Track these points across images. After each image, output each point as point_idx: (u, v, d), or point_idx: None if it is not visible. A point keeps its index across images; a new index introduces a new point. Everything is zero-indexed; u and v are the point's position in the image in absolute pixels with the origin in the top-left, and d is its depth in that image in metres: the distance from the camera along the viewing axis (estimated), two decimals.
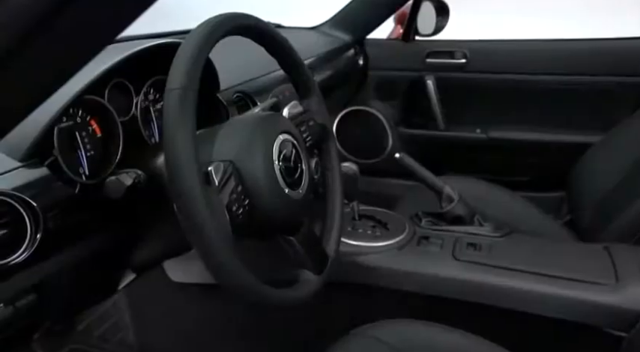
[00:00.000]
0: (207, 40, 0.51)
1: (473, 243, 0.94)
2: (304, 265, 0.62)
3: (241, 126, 0.58)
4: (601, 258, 0.87)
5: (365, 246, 0.94)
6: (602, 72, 1.45)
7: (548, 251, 0.92)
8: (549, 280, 0.83)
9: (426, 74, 1.60)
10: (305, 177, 0.61)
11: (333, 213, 0.73)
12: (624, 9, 2.60)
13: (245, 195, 0.52)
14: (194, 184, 0.45)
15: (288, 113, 0.69)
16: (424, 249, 0.94)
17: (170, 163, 0.45)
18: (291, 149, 0.60)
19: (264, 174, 0.54)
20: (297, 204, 0.59)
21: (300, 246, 0.62)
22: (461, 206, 1.01)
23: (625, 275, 0.81)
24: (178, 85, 0.47)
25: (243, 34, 0.62)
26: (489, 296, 0.86)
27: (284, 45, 0.68)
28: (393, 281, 0.92)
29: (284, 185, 0.57)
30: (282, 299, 0.56)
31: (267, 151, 0.56)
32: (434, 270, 0.89)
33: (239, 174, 0.53)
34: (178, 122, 0.46)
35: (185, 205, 0.45)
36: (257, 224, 0.56)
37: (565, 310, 0.81)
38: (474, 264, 0.88)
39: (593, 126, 1.48)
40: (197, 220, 0.45)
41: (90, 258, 0.56)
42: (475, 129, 1.62)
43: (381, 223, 1.02)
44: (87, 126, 0.63)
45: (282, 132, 0.59)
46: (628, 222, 0.99)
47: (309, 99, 0.73)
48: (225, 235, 0.47)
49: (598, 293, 0.79)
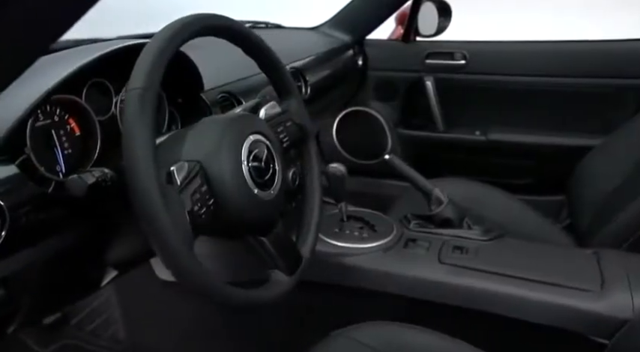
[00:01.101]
0: (170, 42, 0.52)
1: (460, 246, 0.93)
2: (276, 266, 0.62)
3: (212, 127, 0.58)
4: (588, 264, 0.86)
5: (351, 247, 0.94)
6: (603, 74, 1.42)
7: (536, 255, 0.91)
8: (533, 285, 0.81)
9: (425, 75, 1.59)
10: (277, 178, 0.61)
11: (310, 214, 0.73)
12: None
13: (210, 195, 0.52)
14: (151, 184, 0.45)
15: (265, 114, 0.69)
16: (410, 252, 0.93)
17: (127, 162, 0.46)
18: (262, 150, 0.60)
19: (231, 175, 0.54)
20: (267, 204, 0.59)
21: (272, 247, 0.62)
22: (450, 209, 1.00)
23: (610, 281, 0.79)
24: (138, 86, 0.47)
25: (215, 35, 0.62)
26: (473, 300, 0.85)
27: (260, 46, 0.68)
28: (378, 284, 0.91)
29: (253, 186, 0.57)
30: (247, 300, 0.56)
31: (236, 152, 0.56)
32: (418, 273, 0.89)
33: (205, 174, 0.53)
34: (137, 122, 0.46)
35: (142, 205, 0.45)
36: (224, 224, 0.56)
37: (548, 316, 0.79)
38: (458, 268, 0.87)
39: (594, 129, 1.46)
40: (154, 220, 0.45)
41: (60, 254, 0.57)
42: (474, 131, 1.61)
43: (368, 225, 1.01)
44: (65, 125, 0.64)
45: (254, 133, 0.59)
46: (620, 226, 0.97)
47: (288, 100, 0.74)
48: (184, 235, 0.47)
49: (582, 300, 0.78)
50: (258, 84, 0.99)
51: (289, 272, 0.63)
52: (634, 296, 0.75)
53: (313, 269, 0.96)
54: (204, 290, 0.50)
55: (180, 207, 0.48)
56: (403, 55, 1.63)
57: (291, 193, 1.02)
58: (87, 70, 0.62)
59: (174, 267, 0.48)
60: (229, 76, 0.90)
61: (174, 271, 0.48)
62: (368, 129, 1.75)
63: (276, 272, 0.62)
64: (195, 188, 0.50)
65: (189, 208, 0.49)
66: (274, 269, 0.63)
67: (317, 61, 1.37)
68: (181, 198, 0.48)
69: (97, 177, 0.50)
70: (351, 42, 1.62)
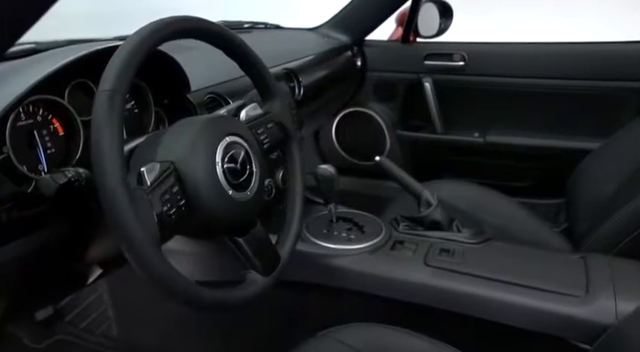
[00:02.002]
0: (141, 45, 0.52)
1: (446, 249, 0.92)
2: (252, 266, 0.63)
3: (188, 128, 0.58)
4: (575, 269, 0.85)
5: (338, 248, 0.94)
6: (603, 76, 1.41)
7: (522, 260, 0.90)
8: (518, 289, 0.81)
9: (424, 76, 1.59)
10: (255, 180, 0.62)
11: (291, 215, 0.73)
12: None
13: (182, 196, 0.53)
14: (117, 184, 0.46)
15: (246, 115, 0.69)
16: (396, 254, 0.93)
17: (95, 163, 0.47)
18: (239, 151, 0.60)
19: (204, 176, 0.55)
20: (243, 205, 0.59)
21: (249, 247, 0.62)
22: (439, 211, 1.00)
23: (595, 287, 0.79)
24: (107, 88, 0.48)
25: (193, 37, 0.62)
26: (457, 304, 0.84)
27: (241, 48, 0.68)
28: (364, 285, 0.91)
29: (227, 187, 0.57)
30: (216, 300, 0.56)
31: (210, 153, 0.56)
32: (403, 275, 0.89)
33: (179, 175, 0.54)
34: (104, 123, 0.47)
35: (108, 205, 0.46)
36: (197, 224, 0.57)
37: (531, 320, 0.79)
38: (443, 271, 0.87)
39: (594, 131, 1.44)
40: (119, 220, 0.46)
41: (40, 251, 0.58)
42: (473, 132, 1.60)
43: (357, 226, 1.01)
44: (48, 125, 0.65)
45: (230, 135, 0.60)
46: (611, 231, 0.96)
47: (271, 102, 0.74)
48: (150, 235, 0.48)
49: (565, 305, 0.77)
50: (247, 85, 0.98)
51: (265, 273, 0.64)
52: (617, 301, 0.74)
53: (300, 269, 0.97)
54: (170, 290, 0.51)
55: (147, 208, 0.48)
56: (402, 56, 1.63)
57: (282, 194, 1.03)
58: (69, 71, 0.63)
59: (140, 267, 0.48)
60: (217, 77, 0.91)
61: (140, 271, 0.49)
62: (367, 130, 1.75)
63: (252, 272, 0.63)
64: (165, 189, 0.51)
65: (157, 209, 0.49)
66: (250, 269, 0.63)
67: (314, 61, 1.37)
68: (150, 198, 0.49)
69: (69, 177, 0.51)
70: (350, 43, 1.62)
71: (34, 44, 0.87)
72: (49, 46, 0.88)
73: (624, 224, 0.93)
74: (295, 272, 0.97)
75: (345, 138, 1.83)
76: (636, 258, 0.87)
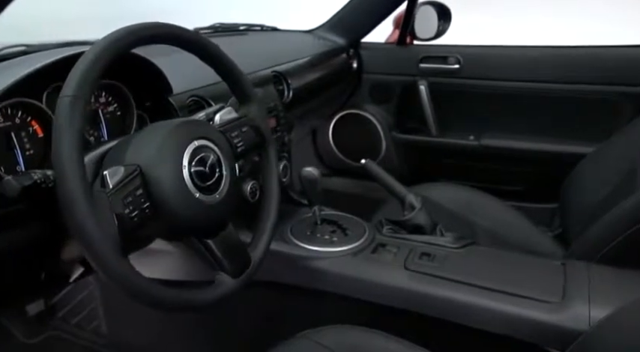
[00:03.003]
0: (105, 52, 0.53)
1: (427, 253, 0.93)
2: (222, 268, 0.64)
3: (156, 132, 0.60)
4: (554, 275, 0.85)
5: (320, 250, 0.95)
6: (598, 81, 1.40)
7: (502, 265, 0.90)
8: (493, 295, 0.81)
9: (419, 79, 1.59)
10: (225, 182, 0.63)
11: (266, 218, 0.74)
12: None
13: (146, 199, 0.54)
14: (76, 187, 0.47)
15: (220, 119, 0.71)
16: (377, 257, 0.94)
17: (55, 166, 0.48)
18: (209, 155, 0.61)
19: (170, 179, 0.56)
20: (211, 208, 0.61)
21: (218, 249, 0.63)
22: (422, 215, 1.00)
23: (571, 293, 0.78)
24: (69, 93, 0.50)
25: (164, 43, 0.64)
26: (434, 308, 0.85)
27: (215, 53, 0.69)
28: (344, 288, 0.92)
29: (194, 190, 0.58)
30: (180, 301, 0.57)
31: (177, 156, 0.57)
32: (383, 279, 0.89)
33: (144, 178, 0.55)
34: (64, 128, 0.48)
35: (67, 207, 0.47)
36: (164, 226, 0.58)
37: (506, 326, 0.79)
38: (422, 275, 0.87)
39: (589, 136, 1.43)
40: (78, 222, 0.47)
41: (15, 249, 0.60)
42: (468, 136, 1.59)
43: (341, 228, 1.02)
44: (27, 127, 0.67)
45: (199, 138, 0.61)
46: (595, 237, 0.96)
47: (247, 106, 0.75)
48: (109, 237, 0.49)
49: (540, 311, 0.77)
50: None
51: (235, 275, 0.65)
52: (591, 308, 0.74)
53: (283, 271, 0.98)
54: (129, 290, 0.52)
55: (107, 210, 0.49)
56: (398, 59, 1.63)
57: None
58: (47, 74, 0.65)
59: (99, 268, 0.50)
60: (201, 81, 0.92)
61: (100, 272, 0.50)
62: (363, 132, 1.76)
63: (222, 274, 0.64)
64: (129, 191, 0.52)
65: (118, 211, 0.50)
66: (219, 271, 0.64)
67: (307, 64, 1.38)
68: (111, 201, 0.50)
69: (35, 179, 0.53)
70: (347, 45, 1.63)
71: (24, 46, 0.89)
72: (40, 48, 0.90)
73: (607, 230, 0.92)
74: (277, 274, 0.99)
75: (341, 140, 1.84)
76: (619, 264, 0.87)
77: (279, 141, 1.08)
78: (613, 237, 0.91)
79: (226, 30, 1.48)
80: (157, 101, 0.83)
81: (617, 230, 0.91)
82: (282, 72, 1.17)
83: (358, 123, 1.75)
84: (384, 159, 1.75)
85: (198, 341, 1.09)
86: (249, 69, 1.11)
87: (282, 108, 1.09)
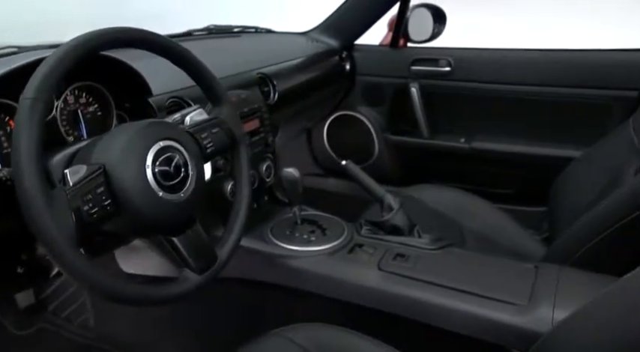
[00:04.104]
0: (67, 56, 0.56)
1: (402, 254, 0.94)
2: (186, 265, 0.66)
3: (123, 133, 0.62)
4: (525, 278, 0.85)
5: (297, 250, 0.97)
6: (589, 84, 1.39)
7: (475, 267, 0.91)
8: (462, 296, 0.82)
9: (411, 81, 1.60)
10: (190, 182, 0.65)
11: (235, 218, 0.76)
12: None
13: (107, 197, 0.56)
14: (31, 184, 0.50)
15: (191, 120, 0.73)
16: (353, 257, 0.95)
17: (14, 165, 0.51)
18: (174, 155, 0.63)
19: (133, 178, 0.58)
20: (176, 206, 0.63)
21: (183, 246, 0.65)
22: (399, 216, 1.01)
23: (538, 296, 0.79)
24: (29, 96, 0.52)
25: (132, 47, 0.66)
26: (405, 308, 0.86)
27: (185, 57, 0.71)
28: (319, 287, 0.94)
29: (157, 188, 0.60)
30: (140, 295, 0.60)
31: (140, 157, 0.60)
32: (356, 279, 0.91)
33: (107, 177, 0.57)
34: (23, 128, 0.51)
35: (23, 204, 0.50)
36: (128, 223, 0.60)
37: (473, 327, 0.80)
38: (394, 275, 0.89)
39: (578, 139, 1.43)
40: (34, 219, 0.49)
41: None
42: (459, 138, 1.60)
43: (321, 228, 1.04)
44: (5, 126, 0.70)
45: (165, 139, 0.63)
46: (568, 241, 0.96)
47: (219, 108, 0.77)
48: (64, 233, 0.51)
49: (505, 313, 0.78)
50: None
51: (200, 272, 0.67)
52: (555, 310, 0.75)
53: (261, 269, 1.00)
54: (86, 284, 0.54)
55: (64, 207, 0.52)
56: (390, 61, 1.64)
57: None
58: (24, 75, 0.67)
59: (57, 263, 0.52)
60: (181, 82, 0.94)
61: (58, 266, 0.52)
62: (356, 134, 1.77)
63: (186, 270, 0.66)
64: (89, 189, 0.54)
65: (76, 208, 0.53)
66: (184, 268, 0.66)
67: (298, 65, 1.40)
68: (69, 198, 0.52)
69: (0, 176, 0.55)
70: (340, 47, 1.64)
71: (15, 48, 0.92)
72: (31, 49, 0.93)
73: (580, 234, 0.93)
74: (256, 272, 1.01)
75: (336, 141, 1.85)
76: (591, 268, 0.87)
77: (262, 142, 1.10)
78: (586, 241, 0.92)
79: (220, 32, 1.51)
80: (136, 102, 0.85)
81: (590, 234, 0.91)
82: (268, 74, 1.18)
83: (352, 125, 1.76)
84: (377, 161, 1.77)
85: (180, 335, 1.12)
86: (236, 70, 1.13)
87: (266, 109, 1.11)
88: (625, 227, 0.86)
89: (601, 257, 0.90)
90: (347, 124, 1.77)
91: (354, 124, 1.76)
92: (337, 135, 1.83)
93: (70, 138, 0.78)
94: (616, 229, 0.87)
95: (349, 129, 1.77)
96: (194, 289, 0.66)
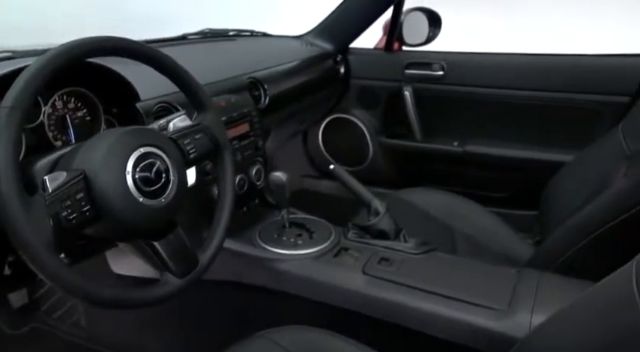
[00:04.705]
0: (47, 65, 0.57)
1: (387, 258, 0.95)
2: (167, 268, 0.67)
3: (104, 139, 0.63)
4: (506, 283, 0.86)
5: (284, 253, 0.99)
6: (581, 89, 1.40)
7: (458, 272, 0.92)
8: (443, 301, 0.83)
9: (404, 85, 1.60)
10: (172, 187, 0.66)
11: (217, 223, 0.77)
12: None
13: (87, 202, 0.57)
14: (9, 190, 0.51)
15: (174, 126, 0.74)
16: (338, 261, 0.96)
17: None
18: (155, 161, 0.65)
19: (112, 184, 0.60)
20: (157, 211, 0.64)
21: (164, 251, 0.67)
22: (386, 220, 1.02)
23: (518, 301, 0.80)
24: (7, 105, 0.54)
25: (117, 55, 0.67)
26: (387, 312, 0.87)
27: (170, 64, 0.73)
28: (305, 290, 0.95)
29: (138, 194, 0.62)
30: (119, 299, 0.61)
31: (121, 163, 0.61)
32: (341, 282, 0.92)
33: (88, 183, 0.58)
34: (1, 135, 0.52)
35: (1, 209, 0.51)
36: (109, 228, 0.62)
37: (453, 332, 0.81)
38: (378, 280, 0.90)
39: (570, 144, 1.43)
40: (10, 224, 0.51)
41: None
42: (452, 142, 1.61)
43: (309, 232, 1.05)
44: None
45: (145, 146, 0.64)
46: (551, 247, 0.97)
47: (203, 114, 0.78)
48: (41, 238, 0.52)
49: (485, 318, 0.79)
50: None
51: (180, 276, 0.68)
52: (533, 315, 0.76)
53: (248, 272, 1.02)
54: (64, 288, 0.55)
55: (42, 213, 0.53)
56: (384, 65, 1.65)
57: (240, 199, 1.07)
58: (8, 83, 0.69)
59: (34, 268, 0.53)
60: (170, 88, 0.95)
61: (36, 271, 0.54)
62: (351, 136, 1.78)
63: (166, 274, 0.67)
64: (69, 195, 0.56)
65: (54, 214, 0.54)
66: (165, 271, 0.68)
67: (291, 69, 1.41)
68: (48, 204, 0.54)
69: None
70: (334, 50, 1.65)
71: (10, 53, 0.94)
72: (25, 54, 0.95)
73: (563, 240, 0.94)
74: (243, 275, 1.02)
75: (331, 144, 1.86)
76: (572, 274, 0.88)
77: (252, 146, 1.11)
78: (570, 245, 0.93)
79: (215, 35, 1.52)
80: (125, 107, 0.87)
81: (574, 239, 0.92)
82: (259, 78, 1.20)
83: (346, 128, 1.77)
84: (372, 163, 1.78)
85: (168, 336, 1.13)
86: (227, 75, 1.15)
87: (256, 114, 1.12)
88: (608, 231, 0.87)
89: (585, 261, 0.91)
90: (342, 127, 1.78)
91: (348, 127, 1.77)
92: (332, 137, 1.84)
93: (59, 143, 0.80)
94: (600, 234, 0.88)
95: (344, 132, 1.78)
96: (175, 292, 0.67)
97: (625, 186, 0.86)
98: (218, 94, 1.04)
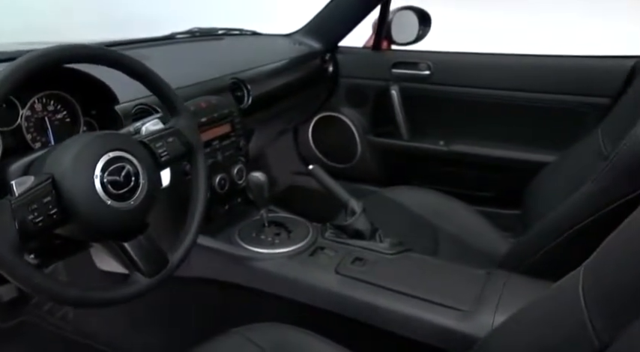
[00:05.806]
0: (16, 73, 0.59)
1: (360, 258, 0.97)
2: (137, 268, 0.70)
3: (75, 144, 0.65)
4: (474, 284, 0.88)
5: (261, 252, 1.01)
6: (566, 90, 1.41)
7: (428, 273, 0.94)
8: (411, 301, 0.85)
9: (391, 84, 1.62)
10: (141, 190, 0.68)
11: (189, 225, 0.79)
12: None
13: (54, 205, 0.60)
14: None
15: (146, 130, 0.76)
16: (313, 260, 0.99)
17: None
18: (123, 165, 0.67)
19: (80, 188, 0.62)
20: (125, 214, 0.66)
21: (134, 251, 0.69)
22: (361, 220, 1.04)
23: (483, 301, 0.82)
24: None
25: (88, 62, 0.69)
26: (358, 311, 0.89)
27: (141, 70, 0.75)
28: (280, 288, 0.97)
29: (106, 197, 0.64)
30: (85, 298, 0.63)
31: (89, 167, 0.63)
32: (314, 281, 0.94)
33: (56, 187, 0.61)
34: None
35: None
36: (78, 230, 0.64)
37: (420, 331, 0.83)
38: (350, 279, 0.92)
39: (554, 144, 1.44)
40: None
41: None
42: (438, 141, 1.62)
43: (287, 231, 1.07)
44: None
45: (115, 150, 0.66)
46: (521, 249, 0.99)
47: (176, 118, 0.80)
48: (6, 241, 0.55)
49: (449, 318, 0.81)
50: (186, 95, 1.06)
51: (150, 275, 0.71)
52: (496, 316, 0.78)
53: (225, 269, 1.04)
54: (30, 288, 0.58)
55: (7, 216, 0.55)
56: (372, 64, 1.66)
57: (221, 198, 1.10)
58: None
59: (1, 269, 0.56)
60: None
61: (2, 272, 0.56)
62: (340, 134, 1.80)
63: (135, 273, 0.70)
64: (35, 199, 0.58)
65: (20, 217, 0.56)
66: (135, 271, 0.70)
67: (278, 68, 1.43)
68: (14, 208, 0.56)
69: None
70: (323, 49, 1.66)
71: None
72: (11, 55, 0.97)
73: (532, 242, 0.96)
74: (220, 272, 1.05)
75: (321, 142, 1.88)
76: (539, 275, 0.90)
77: (233, 146, 1.13)
78: (541, 246, 0.94)
79: (204, 34, 1.54)
80: (104, 110, 0.89)
81: (545, 239, 0.94)
82: (242, 78, 1.21)
83: (336, 126, 1.79)
84: (360, 161, 1.80)
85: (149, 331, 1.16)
86: (210, 75, 1.16)
87: (237, 114, 1.14)
88: (577, 233, 0.89)
89: (555, 262, 0.93)
90: (331, 125, 1.80)
91: (337, 125, 1.79)
92: (322, 135, 1.86)
93: (38, 144, 0.82)
94: (569, 235, 0.90)
95: (333, 130, 1.80)
96: (143, 291, 0.69)
97: (592, 190, 0.88)
98: (200, 95, 1.06)
